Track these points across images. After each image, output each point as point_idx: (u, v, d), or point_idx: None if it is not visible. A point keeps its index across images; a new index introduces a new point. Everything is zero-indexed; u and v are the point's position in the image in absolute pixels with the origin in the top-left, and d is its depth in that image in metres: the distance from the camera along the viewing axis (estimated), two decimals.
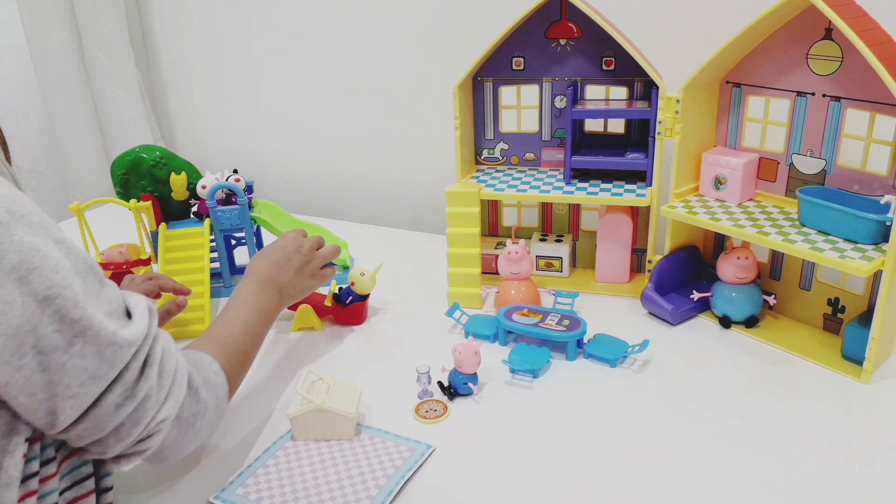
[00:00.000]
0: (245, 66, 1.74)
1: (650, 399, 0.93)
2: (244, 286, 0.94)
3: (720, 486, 0.77)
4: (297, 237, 1.03)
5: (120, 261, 1.21)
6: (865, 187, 0.97)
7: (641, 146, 1.17)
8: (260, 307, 0.91)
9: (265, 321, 0.91)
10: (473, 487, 0.79)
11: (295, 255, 0.99)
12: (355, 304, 1.13)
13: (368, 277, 1.12)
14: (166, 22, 1.80)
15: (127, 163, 1.21)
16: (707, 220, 1.04)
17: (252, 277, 0.95)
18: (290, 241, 1.02)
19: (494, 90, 1.22)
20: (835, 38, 0.95)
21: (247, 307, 0.90)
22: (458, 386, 0.93)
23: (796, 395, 0.93)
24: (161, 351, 0.66)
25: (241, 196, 1.21)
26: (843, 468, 0.79)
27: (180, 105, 1.90)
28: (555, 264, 1.26)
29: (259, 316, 0.90)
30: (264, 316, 0.91)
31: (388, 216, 1.67)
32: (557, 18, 1.14)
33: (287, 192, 1.78)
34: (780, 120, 1.04)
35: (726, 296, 1.07)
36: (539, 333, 1.03)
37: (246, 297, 0.91)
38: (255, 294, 0.92)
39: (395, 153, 1.63)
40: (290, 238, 1.02)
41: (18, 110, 1.84)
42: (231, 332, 0.85)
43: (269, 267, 0.97)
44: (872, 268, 0.88)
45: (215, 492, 0.78)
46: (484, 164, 1.28)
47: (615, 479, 0.79)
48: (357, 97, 1.62)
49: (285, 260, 0.98)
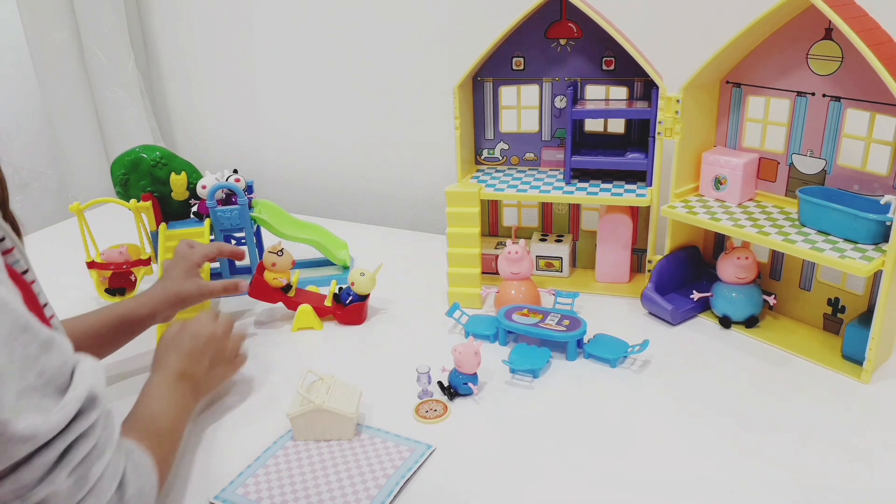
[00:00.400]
0: (245, 66, 1.74)
1: (650, 399, 0.93)
2: (158, 380, 0.83)
3: (720, 486, 0.77)
4: (208, 322, 0.93)
5: (120, 261, 1.21)
6: (865, 187, 0.97)
7: (641, 146, 1.17)
8: (178, 404, 0.82)
9: (183, 420, 0.83)
10: (473, 487, 0.79)
11: (208, 344, 0.90)
12: (355, 304, 1.13)
13: (368, 277, 1.12)
14: (166, 22, 1.80)
15: (127, 163, 1.21)
16: (707, 220, 1.04)
17: (164, 371, 0.85)
18: (201, 327, 0.91)
19: (494, 90, 1.22)
20: (835, 38, 0.95)
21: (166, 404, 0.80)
22: (458, 386, 0.93)
23: (796, 395, 0.93)
24: (87, 451, 0.56)
25: (241, 196, 1.21)
26: (843, 468, 0.79)
27: (180, 105, 1.90)
28: (555, 264, 1.26)
29: (178, 414, 0.81)
30: (183, 415, 0.82)
31: (388, 216, 1.67)
32: (557, 18, 1.14)
33: (287, 192, 1.78)
34: (780, 120, 1.04)
35: (726, 296, 1.07)
36: (539, 333, 1.03)
37: (162, 391, 0.82)
38: (171, 388, 0.83)
39: (395, 153, 1.63)
40: (201, 324, 0.92)
41: (18, 110, 1.84)
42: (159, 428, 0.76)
43: (181, 360, 0.87)
44: (872, 268, 0.88)
45: (215, 492, 0.78)
46: (484, 164, 1.28)
47: (615, 479, 0.79)
48: (357, 97, 1.62)
49: (198, 351, 0.88)
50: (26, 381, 0.52)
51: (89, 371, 0.58)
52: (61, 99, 1.76)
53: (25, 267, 0.64)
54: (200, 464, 0.84)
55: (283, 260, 1.12)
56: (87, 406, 0.57)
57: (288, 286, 1.14)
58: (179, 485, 0.81)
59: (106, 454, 0.58)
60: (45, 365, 0.54)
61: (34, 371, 0.53)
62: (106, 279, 1.21)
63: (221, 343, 0.92)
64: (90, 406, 0.57)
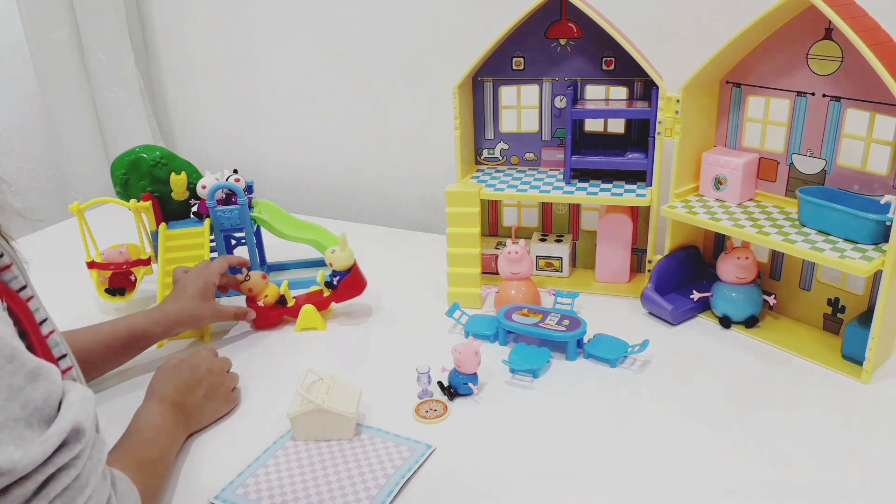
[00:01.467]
0: (245, 66, 1.74)
1: (650, 399, 0.93)
2: (150, 407, 0.84)
3: (720, 486, 0.77)
4: (208, 357, 0.94)
5: (120, 261, 1.21)
6: (865, 187, 0.97)
7: (641, 146, 1.17)
8: (168, 434, 0.82)
9: (172, 450, 0.82)
10: (473, 487, 0.79)
11: (205, 377, 0.90)
12: (345, 280, 1.13)
13: (340, 251, 1.12)
14: (166, 22, 1.80)
15: (127, 163, 1.21)
16: (707, 220, 1.04)
17: (158, 399, 0.85)
18: (201, 360, 0.92)
19: (494, 90, 1.22)
20: (835, 38, 0.95)
21: (157, 433, 0.80)
22: (458, 386, 0.93)
23: (796, 394, 0.93)
24: (68, 483, 0.55)
25: (241, 196, 1.20)
26: (842, 468, 0.79)
27: (180, 105, 1.89)
28: (555, 264, 1.26)
29: (168, 444, 0.81)
30: (172, 445, 0.82)
31: (388, 216, 1.67)
32: (557, 18, 1.14)
33: (287, 192, 1.78)
34: (780, 120, 1.04)
35: (726, 296, 1.07)
36: (539, 333, 1.03)
37: (154, 420, 0.82)
38: (163, 417, 0.83)
39: (394, 153, 1.63)
40: (201, 357, 0.93)
41: (18, 110, 1.84)
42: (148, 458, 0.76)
43: (176, 389, 0.87)
44: (872, 268, 0.88)
45: (215, 492, 0.78)
46: (484, 164, 1.28)
47: (615, 479, 0.79)
48: (357, 97, 1.62)
49: (195, 382, 0.89)
50: (9, 412, 0.51)
51: (77, 402, 0.57)
52: (61, 99, 1.76)
53: (23, 283, 0.63)
54: (200, 464, 0.84)
55: (255, 277, 1.12)
56: (72, 438, 0.55)
57: (282, 298, 1.14)
58: (179, 485, 0.81)
59: (89, 485, 0.57)
60: (30, 396, 0.53)
61: (18, 402, 0.52)
62: (106, 279, 1.21)
63: (218, 378, 0.92)
64: (74, 438, 0.56)
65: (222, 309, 1.08)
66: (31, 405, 0.53)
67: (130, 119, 1.79)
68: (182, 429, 0.86)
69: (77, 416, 0.56)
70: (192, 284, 1.05)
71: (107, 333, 0.97)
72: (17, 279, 0.63)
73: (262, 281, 1.13)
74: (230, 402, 0.94)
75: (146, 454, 0.76)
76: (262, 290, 1.13)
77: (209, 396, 0.90)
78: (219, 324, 1.17)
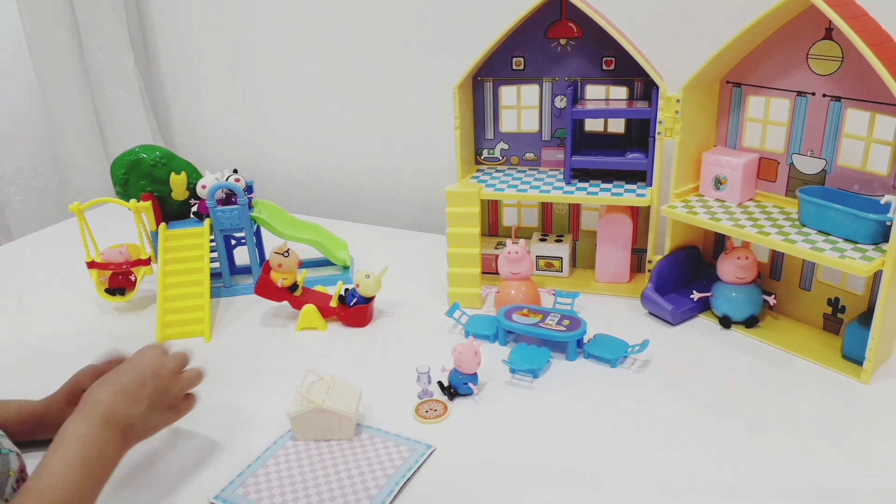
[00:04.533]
0: (245, 66, 1.74)
1: (650, 399, 0.93)
2: (75, 424, 0.70)
3: (720, 486, 0.77)
4: (156, 356, 0.80)
5: (120, 261, 1.21)
6: (865, 187, 0.97)
7: (641, 146, 1.17)
8: (94, 457, 0.68)
9: (102, 472, 0.69)
10: (473, 487, 0.79)
11: (151, 381, 0.77)
12: (359, 307, 1.13)
13: (374, 280, 1.12)
14: (166, 22, 1.80)
15: (127, 163, 1.21)
16: (707, 220, 1.04)
17: (88, 412, 0.71)
18: (146, 360, 0.79)
19: (494, 90, 1.22)
20: (835, 38, 0.95)
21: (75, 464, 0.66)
22: (458, 386, 0.93)
23: (796, 395, 0.93)
24: None
25: (241, 196, 1.21)
26: (842, 468, 0.79)
27: (180, 105, 1.89)
28: (555, 264, 1.26)
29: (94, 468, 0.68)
30: (100, 465, 0.69)
31: (389, 216, 1.67)
32: (557, 18, 1.14)
33: (287, 192, 1.78)
34: (780, 120, 1.04)
35: (726, 296, 1.07)
36: (539, 333, 1.03)
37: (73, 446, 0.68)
38: (86, 439, 0.69)
39: (395, 153, 1.63)
40: (146, 356, 0.79)
41: (18, 110, 1.84)
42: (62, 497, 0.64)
43: (112, 397, 0.73)
44: (872, 268, 0.88)
45: (215, 492, 0.78)
46: (484, 164, 1.28)
47: (615, 479, 0.79)
48: (357, 97, 1.62)
49: (137, 387, 0.75)
50: None
51: None
52: (61, 99, 1.76)
53: None
54: (200, 464, 0.84)
55: (289, 261, 1.12)
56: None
57: (294, 286, 1.14)
58: (180, 485, 0.81)
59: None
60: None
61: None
62: (106, 279, 1.21)
63: (167, 383, 0.78)
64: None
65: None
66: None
67: (130, 119, 1.79)
68: (116, 447, 0.72)
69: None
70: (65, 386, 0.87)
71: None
72: None
73: (295, 264, 1.13)
74: (180, 411, 0.81)
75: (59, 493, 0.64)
76: (289, 272, 1.13)
77: (154, 406, 0.77)
78: (220, 321, 1.17)
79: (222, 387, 0.96)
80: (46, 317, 1.23)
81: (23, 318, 1.23)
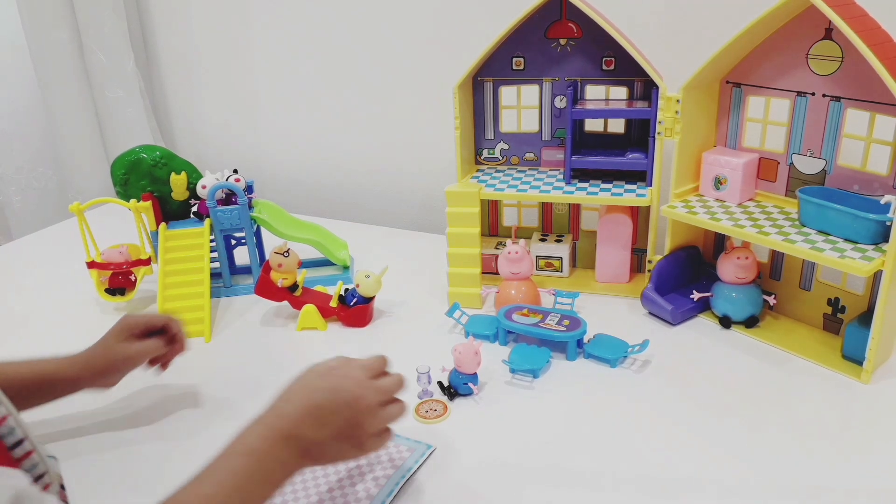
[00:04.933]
0: (245, 66, 1.74)
1: (650, 399, 0.93)
2: (254, 433, 0.64)
3: (720, 486, 0.77)
4: (362, 381, 0.70)
5: (120, 261, 1.21)
6: (865, 187, 0.97)
7: (641, 146, 1.17)
8: (261, 474, 0.62)
9: (264, 494, 0.63)
10: (473, 487, 0.79)
11: (345, 410, 0.67)
12: (359, 307, 1.13)
13: (374, 280, 1.12)
14: (166, 22, 1.80)
15: (127, 163, 1.21)
16: (707, 220, 1.04)
17: (272, 425, 0.65)
18: (350, 382, 0.69)
19: (494, 90, 1.22)
20: (835, 38, 0.95)
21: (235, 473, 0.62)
22: (458, 386, 0.93)
23: (796, 395, 0.93)
24: None
25: (241, 196, 1.21)
26: (842, 468, 0.79)
27: (180, 105, 1.89)
28: (555, 264, 1.26)
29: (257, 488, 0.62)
30: (265, 487, 0.63)
31: (389, 216, 1.67)
32: (557, 18, 1.14)
33: (287, 192, 1.78)
34: (780, 120, 1.04)
35: (726, 296, 1.07)
36: (539, 333, 1.03)
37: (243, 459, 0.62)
38: (262, 454, 0.63)
39: (395, 153, 1.63)
40: (352, 377, 0.70)
41: (18, 110, 1.84)
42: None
43: (301, 415, 0.66)
44: (872, 268, 0.88)
45: None
46: (484, 164, 1.28)
47: (615, 479, 0.79)
48: (357, 97, 1.62)
49: (329, 412, 0.67)
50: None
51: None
52: (61, 99, 1.76)
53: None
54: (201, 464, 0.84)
55: (289, 260, 1.12)
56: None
57: (294, 286, 1.14)
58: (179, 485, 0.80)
59: None
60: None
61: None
62: (106, 279, 1.21)
63: (362, 418, 0.68)
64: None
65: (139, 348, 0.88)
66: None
67: (130, 119, 1.79)
68: (284, 471, 0.65)
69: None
70: (111, 329, 0.89)
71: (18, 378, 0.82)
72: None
73: (295, 264, 1.13)
74: (366, 448, 0.70)
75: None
76: (289, 271, 1.13)
77: (340, 437, 0.67)
78: (220, 321, 1.17)
79: (222, 387, 0.96)
80: (46, 317, 1.23)
81: (23, 318, 1.23)
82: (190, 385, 1.00)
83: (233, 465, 0.62)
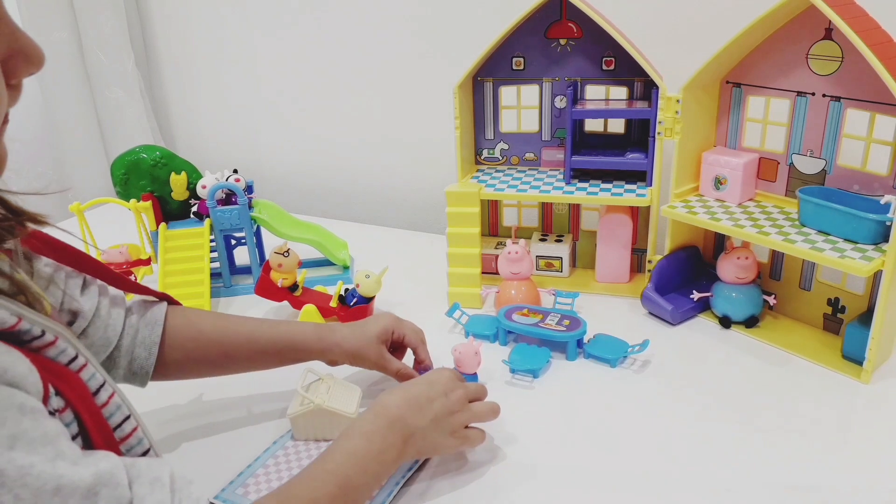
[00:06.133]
0: (245, 67, 1.74)
1: (650, 399, 0.93)
2: (363, 421, 0.73)
3: (720, 486, 0.77)
4: (450, 379, 0.82)
5: (120, 261, 1.21)
6: (865, 187, 0.97)
7: (641, 146, 1.17)
8: (371, 455, 0.70)
9: (377, 473, 0.71)
10: (473, 488, 0.79)
11: (438, 399, 0.78)
12: (360, 307, 1.13)
13: (373, 280, 1.12)
14: (166, 22, 1.80)
15: (127, 163, 1.21)
16: (707, 220, 1.04)
17: (377, 411, 0.74)
18: (440, 379, 0.81)
19: (494, 90, 1.22)
20: (835, 38, 0.95)
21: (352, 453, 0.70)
22: None
23: (796, 394, 0.93)
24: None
25: (241, 196, 1.21)
26: (843, 468, 0.79)
27: (180, 105, 1.90)
28: (555, 264, 1.26)
29: (371, 466, 0.70)
30: (378, 466, 0.71)
31: (388, 216, 1.67)
32: (557, 18, 1.14)
33: (287, 192, 1.78)
34: (780, 120, 1.04)
35: (726, 296, 1.07)
36: (539, 333, 1.03)
37: (358, 441, 0.71)
38: (372, 436, 0.72)
39: (394, 153, 1.63)
40: (441, 376, 0.81)
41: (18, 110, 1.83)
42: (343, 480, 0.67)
43: (402, 403, 0.75)
44: (872, 268, 0.88)
45: (215, 492, 0.78)
46: (484, 164, 1.28)
47: (615, 479, 0.79)
48: (357, 97, 1.62)
49: (426, 400, 0.77)
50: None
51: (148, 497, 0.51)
52: (61, 99, 1.76)
53: (73, 354, 0.55)
54: (200, 464, 0.84)
55: (289, 261, 1.12)
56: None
57: (294, 286, 1.14)
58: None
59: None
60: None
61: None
62: None
63: (453, 405, 0.79)
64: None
65: (387, 361, 0.92)
66: None
67: (130, 119, 1.79)
68: (395, 453, 0.73)
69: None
70: (377, 323, 0.94)
71: (265, 337, 0.88)
72: (65, 352, 0.55)
73: (295, 264, 1.13)
74: (461, 438, 0.80)
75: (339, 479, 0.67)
76: (289, 271, 1.13)
77: (437, 424, 0.77)
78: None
79: (222, 387, 0.96)
80: None
81: None
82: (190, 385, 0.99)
83: (350, 446, 0.70)
